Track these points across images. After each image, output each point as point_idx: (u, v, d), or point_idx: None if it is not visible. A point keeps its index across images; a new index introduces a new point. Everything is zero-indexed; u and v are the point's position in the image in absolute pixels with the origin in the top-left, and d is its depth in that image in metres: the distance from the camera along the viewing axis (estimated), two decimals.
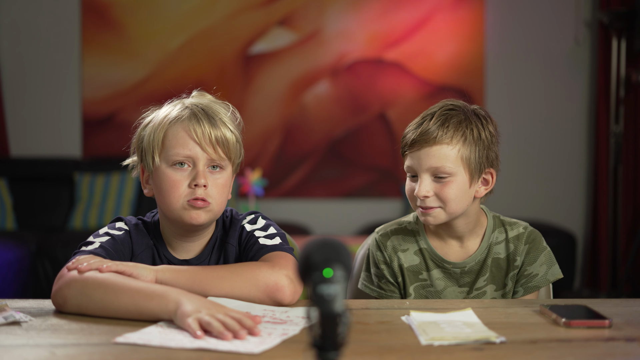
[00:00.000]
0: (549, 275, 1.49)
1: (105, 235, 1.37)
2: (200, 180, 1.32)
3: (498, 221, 1.53)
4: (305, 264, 0.76)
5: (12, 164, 4.46)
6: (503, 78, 4.62)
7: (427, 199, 1.42)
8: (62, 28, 4.58)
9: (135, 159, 1.43)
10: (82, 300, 1.19)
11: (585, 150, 4.64)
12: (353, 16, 4.60)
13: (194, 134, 1.33)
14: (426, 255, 1.52)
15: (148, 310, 1.14)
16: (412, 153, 1.44)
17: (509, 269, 1.50)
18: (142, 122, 1.42)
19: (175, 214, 1.34)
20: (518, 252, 1.49)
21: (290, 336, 1.05)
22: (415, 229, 1.54)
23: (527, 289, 1.49)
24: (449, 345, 1.02)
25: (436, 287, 1.51)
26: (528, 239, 1.51)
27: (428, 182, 1.42)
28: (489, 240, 1.51)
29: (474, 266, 1.50)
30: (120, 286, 1.18)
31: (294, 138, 4.62)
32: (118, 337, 1.04)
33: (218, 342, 1.01)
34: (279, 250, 1.35)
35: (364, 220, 4.56)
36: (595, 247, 4.46)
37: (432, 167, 1.42)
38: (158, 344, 1.01)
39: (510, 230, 1.52)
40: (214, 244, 1.43)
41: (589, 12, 4.58)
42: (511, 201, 4.51)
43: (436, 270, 1.51)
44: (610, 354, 0.99)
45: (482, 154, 1.46)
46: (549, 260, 1.51)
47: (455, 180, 1.43)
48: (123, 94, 4.54)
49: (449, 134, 1.42)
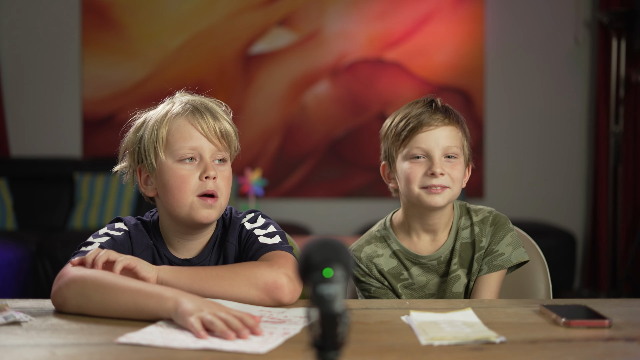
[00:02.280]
0: (512, 257, 1.51)
1: (104, 235, 1.37)
2: (211, 172, 1.34)
3: (464, 209, 1.57)
4: (305, 263, 0.76)
5: (12, 164, 4.46)
6: (503, 78, 4.62)
7: (442, 177, 1.45)
8: (62, 28, 4.58)
9: (126, 164, 1.43)
10: (81, 300, 1.19)
11: (585, 150, 4.64)
12: (353, 16, 4.60)
13: (199, 126, 1.35)
14: (401, 255, 1.55)
15: (147, 309, 1.14)
16: (424, 133, 1.47)
17: (475, 251, 1.53)
18: (131, 127, 1.42)
19: (185, 212, 1.34)
20: (483, 234, 1.52)
21: (292, 335, 1.06)
22: (385, 234, 1.57)
23: (491, 267, 1.51)
24: (449, 345, 1.02)
25: (418, 283, 1.54)
26: (493, 221, 1.53)
27: (443, 161, 1.47)
28: (457, 226, 1.54)
29: (448, 255, 1.53)
30: (119, 286, 1.18)
31: (294, 138, 4.62)
32: (120, 337, 1.03)
33: (222, 342, 1.01)
34: (279, 249, 1.35)
35: (364, 220, 4.56)
36: (595, 247, 4.46)
37: (447, 146, 1.47)
38: (161, 344, 1.01)
39: (475, 215, 1.55)
40: (214, 243, 1.43)
41: (588, 12, 4.58)
42: (511, 201, 4.51)
43: (414, 268, 1.54)
44: (610, 354, 0.99)
45: (469, 146, 1.54)
46: (515, 242, 1.53)
47: (460, 162, 1.50)
48: (123, 94, 4.54)
49: (455, 119, 1.51)
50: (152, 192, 1.40)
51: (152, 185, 1.40)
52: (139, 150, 1.39)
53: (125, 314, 1.16)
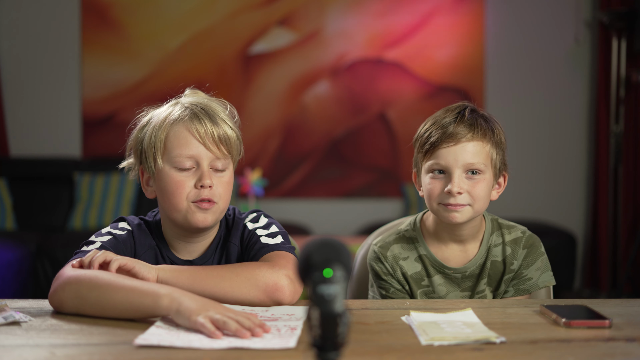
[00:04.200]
0: (539, 282, 1.49)
1: (107, 234, 1.36)
2: (206, 181, 1.32)
3: (496, 224, 1.53)
4: (305, 264, 0.76)
5: (12, 164, 4.46)
6: (503, 78, 4.62)
7: (460, 195, 1.41)
8: (62, 28, 4.58)
9: (132, 161, 1.42)
10: (77, 302, 1.19)
11: (585, 150, 4.64)
12: (353, 16, 4.60)
13: (197, 133, 1.32)
14: (426, 261, 1.50)
15: (142, 307, 1.13)
16: (444, 149, 1.42)
17: (505, 272, 1.49)
18: (138, 124, 1.40)
19: (181, 216, 1.34)
20: (515, 256, 1.49)
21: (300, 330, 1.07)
22: (414, 236, 1.53)
23: (517, 290, 1.48)
24: (449, 345, 1.02)
25: (438, 292, 1.50)
26: (526, 243, 1.50)
27: (462, 179, 1.42)
28: (487, 243, 1.50)
29: (475, 270, 1.49)
30: (115, 285, 1.17)
31: (294, 138, 4.62)
32: (137, 340, 1.01)
33: (250, 341, 1.00)
34: (280, 249, 1.35)
35: (364, 220, 4.56)
36: (595, 247, 4.46)
37: (468, 163, 1.41)
38: (182, 345, 0.99)
39: (508, 233, 1.51)
40: (217, 244, 1.42)
41: (589, 12, 4.58)
42: (511, 201, 4.51)
43: (437, 276, 1.50)
44: (610, 354, 0.99)
45: (502, 157, 1.48)
46: (544, 266, 1.50)
47: (485, 178, 1.43)
48: (123, 94, 4.54)
49: (482, 132, 1.43)
50: (152, 195, 1.40)
51: (152, 188, 1.39)
52: (141, 151, 1.38)
53: (121, 314, 1.15)
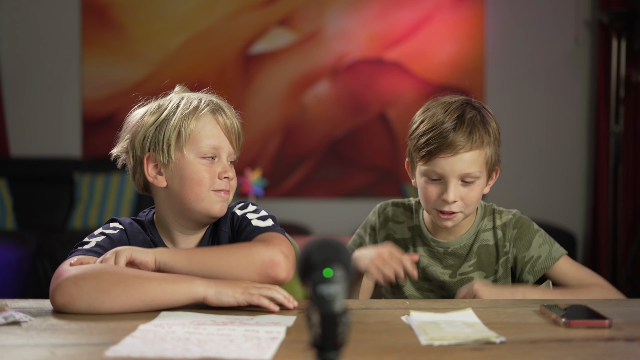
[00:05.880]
0: (553, 253, 1.50)
1: (100, 235, 1.36)
2: (230, 174, 1.38)
3: (489, 209, 1.56)
4: (305, 264, 0.76)
5: (12, 164, 4.46)
6: (503, 78, 4.62)
7: (455, 203, 1.44)
8: (62, 28, 4.58)
9: (125, 147, 1.40)
10: (97, 296, 1.17)
11: (585, 150, 4.64)
12: (353, 16, 4.60)
13: (224, 125, 1.37)
14: (416, 231, 1.56)
15: (177, 294, 1.18)
16: (442, 159, 1.42)
17: (499, 255, 1.52)
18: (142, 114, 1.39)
19: (201, 205, 1.36)
20: (507, 237, 1.52)
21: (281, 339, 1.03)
22: (415, 207, 1.59)
23: (535, 273, 1.50)
24: (449, 345, 1.02)
25: (419, 263, 1.54)
26: (516, 224, 1.52)
27: (458, 187, 1.43)
28: (477, 227, 1.53)
29: (459, 249, 1.53)
30: (143, 276, 1.19)
31: (294, 138, 4.62)
32: (107, 352, 0.97)
33: (224, 350, 0.97)
34: (272, 231, 1.36)
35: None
36: (595, 247, 4.46)
37: (464, 173, 1.43)
38: (154, 355, 0.95)
39: (499, 218, 1.54)
40: (209, 235, 1.44)
41: (589, 12, 4.58)
42: (511, 201, 4.48)
43: (421, 248, 1.55)
44: (610, 354, 0.99)
45: (496, 152, 1.50)
46: (547, 240, 1.51)
47: (479, 182, 1.46)
48: (123, 94, 4.54)
49: (479, 139, 1.43)
50: (162, 183, 1.37)
51: (163, 177, 1.37)
52: (153, 139, 1.36)
53: (151, 303, 1.17)
